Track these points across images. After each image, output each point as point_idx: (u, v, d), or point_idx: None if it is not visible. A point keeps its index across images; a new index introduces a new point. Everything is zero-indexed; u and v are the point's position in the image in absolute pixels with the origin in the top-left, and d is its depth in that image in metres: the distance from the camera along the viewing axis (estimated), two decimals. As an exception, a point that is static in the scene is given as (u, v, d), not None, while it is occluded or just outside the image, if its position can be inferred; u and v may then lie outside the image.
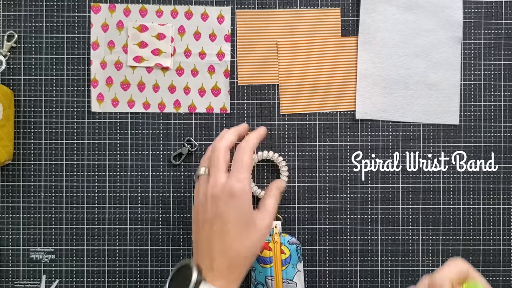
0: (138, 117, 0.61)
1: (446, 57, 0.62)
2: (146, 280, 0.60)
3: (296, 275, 0.55)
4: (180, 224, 0.61)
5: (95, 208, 0.60)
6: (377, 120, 0.62)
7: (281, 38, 0.62)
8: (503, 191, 0.62)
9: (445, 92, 0.62)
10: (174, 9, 0.61)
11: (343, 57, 0.62)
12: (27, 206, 0.60)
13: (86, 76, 0.61)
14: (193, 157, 0.61)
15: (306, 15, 0.62)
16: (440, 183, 0.62)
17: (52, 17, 0.61)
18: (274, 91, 0.61)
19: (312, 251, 0.61)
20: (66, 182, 0.60)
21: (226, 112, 0.61)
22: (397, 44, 0.61)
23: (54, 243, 0.60)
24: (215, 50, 0.61)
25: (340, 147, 0.61)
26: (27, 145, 0.60)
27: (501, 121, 0.62)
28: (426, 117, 0.62)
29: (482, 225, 0.62)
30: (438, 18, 0.61)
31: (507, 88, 0.62)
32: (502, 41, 0.62)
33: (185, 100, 0.61)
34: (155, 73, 0.61)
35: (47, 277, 0.60)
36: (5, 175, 0.60)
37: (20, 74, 0.60)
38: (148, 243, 0.61)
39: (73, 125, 0.61)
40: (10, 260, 0.60)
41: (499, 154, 0.62)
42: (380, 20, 0.61)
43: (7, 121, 0.57)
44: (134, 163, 0.61)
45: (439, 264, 0.61)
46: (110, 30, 0.61)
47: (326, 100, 0.62)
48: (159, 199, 0.61)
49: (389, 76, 0.61)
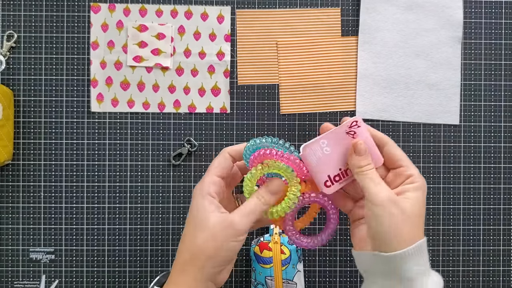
0: (138, 117, 0.61)
1: (446, 57, 0.62)
2: (146, 280, 0.60)
3: (296, 275, 0.55)
4: (180, 224, 0.61)
5: (95, 208, 0.60)
6: (377, 120, 0.62)
7: (281, 38, 0.61)
8: (503, 191, 0.62)
9: (445, 92, 0.62)
10: (174, 9, 0.61)
11: (343, 57, 0.62)
12: (27, 206, 0.60)
13: (86, 76, 0.61)
14: (193, 157, 0.61)
15: (306, 15, 0.62)
16: (440, 183, 0.61)
17: (52, 17, 0.61)
18: (274, 91, 0.61)
19: (312, 251, 0.61)
20: (66, 182, 0.60)
21: (226, 112, 0.61)
22: (398, 44, 0.61)
23: (54, 243, 0.60)
24: (215, 50, 0.61)
25: (340, 147, 0.61)
26: (26, 145, 0.60)
27: (501, 121, 0.62)
28: (426, 117, 0.62)
29: (482, 225, 0.61)
30: (439, 18, 0.61)
31: (507, 88, 0.62)
32: (502, 41, 0.62)
33: (185, 100, 0.61)
34: (155, 73, 0.61)
35: (47, 277, 0.60)
36: (5, 175, 0.60)
37: (20, 74, 0.60)
38: (148, 243, 0.60)
39: (73, 125, 0.61)
40: (10, 260, 0.60)
41: (499, 154, 0.62)
42: (380, 20, 0.61)
43: (6, 121, 0.57)
44: (134, 163, 0.61)
45: (439, 264, 0.61)
46: (110, 30, 0.61)
47: (326, 100, 0.62)
48: (159, 199, 0.61)
49: (389, 76, 0.61)
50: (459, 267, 0.61)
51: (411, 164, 0.39)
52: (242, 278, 0.61)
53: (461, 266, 0.61)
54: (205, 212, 0.37)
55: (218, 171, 0.39)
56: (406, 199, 0.37)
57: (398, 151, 0.39)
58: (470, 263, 0.61)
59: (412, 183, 0.37)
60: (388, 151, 0.39)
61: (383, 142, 0.39)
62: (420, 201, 0.37)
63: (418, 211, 0.37)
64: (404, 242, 0.35)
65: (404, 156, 0.39)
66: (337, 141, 0.38)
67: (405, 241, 0.35)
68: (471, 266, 0.61)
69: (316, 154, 0.38)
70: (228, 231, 0.36)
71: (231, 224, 0.36)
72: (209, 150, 0.61)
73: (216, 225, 0.36)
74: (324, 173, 0.38)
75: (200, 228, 0.37)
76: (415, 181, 0.37)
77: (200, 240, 0.37)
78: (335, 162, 0.38)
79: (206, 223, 0.37)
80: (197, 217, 0.38)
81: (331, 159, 0.38)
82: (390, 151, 0.39)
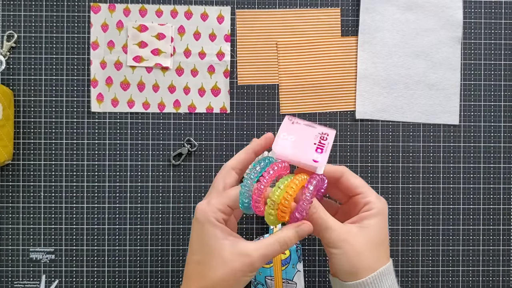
0: (138, 117, 0.61)
1: (446, 57, 0.62)
2: (146, 280, 0.60)
3: (296, 275, 0.55)
4: (180, 224, 0.61)
5: (95, 208, 0.60)
6: (377, 120, 0.62)
7: (281, 38, 0.62)
8: (503, 191, 0.62)
9: (445, 92, 0.62)
10: (174, 9, 0.61)
11: (343, 57, 0.62)
12: (27, 206, 0.60)
13: (86, 76, 0.61)
14: (193, 157, 0.61)
15: (306, 15, 0.62)
16: (440, 183, 0.62)
17: (52, 17, 0.61)
18: (274, 91, 0.61)
19: (312, 251, 0.61)
20: (66, 182, 0.60)
21: (226, 112, 0.61)
22: (397, 44, 0.61)
23: (54, 243, 0.60)
24: (215, 50, 0.61)
25: (340, 147, 0.61)
26: (27, 145, 0.60)
27: (501, 121, 0.62)
28: (426, 117, 0.62)
29: (482, 225, 0.61)
30: (438, 18, 0.61)
31: (507, 88, 0.62)
32: (502, 41, 0.62)
33: (185, 100, 0.61)
34: (155, 73, 0.61)
35: (47, 277, 0.60)
36: (5, 175, 0.60)
37: (20, 74, 0.60)
38: (148, 243, 0.61)
39: (73, 125, 0.61)
40: (10, 260, 0.60)
41: (499, 154, 0.62)
42: (380, 20, 0.61)
43: (7, 121, 0.57)
44: (134, 163, 0.61)
45: (439, 264, 0.61)
46: (110, 30, 0.61)
47: (326, 100, 0.62)
48: (158, 199, 0.61)
49: (389, 76, 0.61)
50: (459, 267, 0.61)
51: (369, 189, 0.39)
52: (242, 278, 0.61)
53: (461, 266, 0.61)
54: (217, 242, 0.35)
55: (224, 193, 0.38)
56: (363, 228, 0.37)
57: (354, 179, 0.39)
58: (470, 263, 0.61)
59: (368, 210, 0.38)
60: (345, 181, 0.39)
61: (338, 173, 0.40)
62: (378, 227, 0.37)
63: (377, 238, 0.37)
64: (365, 271, 0.36)
65: (362, 183, 0.39)
66: (291, 128, 0.40)
67: (366, 270, 0.36)
68: (471, 266, 0.61)
69: (286, 146, 0.39)
70: (246, 262, 0.35)
71: (249, 257, 0.35)
72: (209, 150, 0.61)
73: (234, 260, 0.35)
74: (306, 154, 0.38)
75: (216, 259, 0.35)
76: (372, 207, 0.38)
77: (217, 274, 0.35)
78: (306, 141, 0.39)
79: (221, 254, 0.35)
80: (207, 246, 0.35)
81: (301, 141, 0.39)
82: (347, 181, 0.39)
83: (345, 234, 0.36)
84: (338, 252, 0.36)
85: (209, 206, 0.36)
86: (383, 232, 0.38)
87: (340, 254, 0.36)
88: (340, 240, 0.36)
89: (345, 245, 0.36)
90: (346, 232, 0.36)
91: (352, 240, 0.36)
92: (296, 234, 0.37)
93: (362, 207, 0.38)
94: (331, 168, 0.40)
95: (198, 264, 0.36)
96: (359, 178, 0.40)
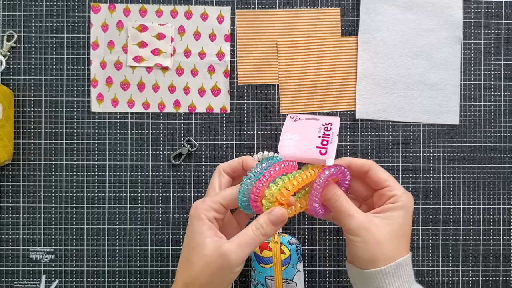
0: (138, 117, 0.61)
1: (446, 57, 0.62)
2: (146, 280, 0.60)
3: (296, 275, 0.55)
4: (180, 224, 0.61)
5: (95, 208, 0.60)
6: (377, 120, 0.62)
7: (281, 38, 0.62)
8: (503, 191, 0.62)
9: (445, 92, 0.62)
10: (174, 9, 0.61)
11: (343, 57, 0.62)
12: (27, 206, 0.60)
13: (86, 76, 0.61)
14: (193, 157, 0.61)
15: (306, 15, 0.62)
16: (440, 183, 0.62)
17: (52, 17, 0.61)
18: (274, 91, 0.61)
19: (312, 251, 0.61)
20: (66, 182, 0.60)
21: (226, 112, 0.61)
22: (397, 44, 0.61)
23: (54, 243, 0.60)
24: (215, 50, 0.61)
25: (340, 147, 0.61)
26: (27, 145, 0.60)
27: (501, 121, 0.62)
28: (426, 117, 0.62)
29: (482, 225, 0.61)
30: (438, 18, 0.61)
31: (507, 88, 0.62)
32: (502, 41, 0.62)
33: (185, 100, 0.61)
34: (155, 73, 0.61)
35: (47, 277, 0.60)
36: (5, 175, 0.60)
37: (20, 74, 0.60)
38: (147, 243, 0.61)
39: (73, 125, 0.61)
40: (10, 260, 0.60)
41: (499, 154, 0.62)
42: (380, 20, 0.61)
43: (7, 121, 0.57)
44: (134, 163, 0.61)
45: (439, 264, 0.61)
46: (110, 30, 0.61)
47: (326, 100, 0.62)
48: (159, 199, 0.61)
49: (389, 76, 0.61)
50: (459, 267, 0.61)
51: (396, 184, 0.39)
52: (242, 278, 0.61)
53: (461, 266, 0.61)
54: (203, 236, 0.36)
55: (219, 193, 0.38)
56: (385, 219, 0.37)
57: (382, 173, 0.40)
58: (470, 263, 0.61)
59: (393, 203, 0.38)
60: (372, 174, 0.40)
61: (366, 167, 0.40)
62: (402, 220, 0.37)
63: (398, 230, 0.37)
64: (383, 260, 0.36)
65: (389, 177, 0.40)
66: (294, 126, 0.40)
67: (385, 259, 0.36)
68: (471, 266, 0.61)
69: (292, 146, 0.39)
70: (224, 264, 0.35)
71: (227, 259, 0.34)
72: (209, 150, 0.61)
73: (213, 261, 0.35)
74: (312, 149, 0.38)
75: (197, 255, 0.35)
76: (398, 200, 0.38)
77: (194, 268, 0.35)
78: (310, 136, 0.39)
79: (202, 251, 0.35)
80: (193, 242, 0.36)
81: (305, 137, 0.39)
82: (374, 174, 0.40)
83: (367, 223, 0.37)
84: (358, 240, 0.36)
85: (203, 204, 0.37)
86: (406, 226, 0.38)
87: (360, 242, 0.36)
88: (362, 228, 0.37)
89: (366, 233, 0.36)
90: (368, 221, 0.37)
91: (374, 229, 0.37)
92: (268, 219, 0.36)
93: (387, 199, 0.39)
94: (358, 162, 0.40)
95: (186, 260, 0.37)
96: (386, 171, 0.40)
